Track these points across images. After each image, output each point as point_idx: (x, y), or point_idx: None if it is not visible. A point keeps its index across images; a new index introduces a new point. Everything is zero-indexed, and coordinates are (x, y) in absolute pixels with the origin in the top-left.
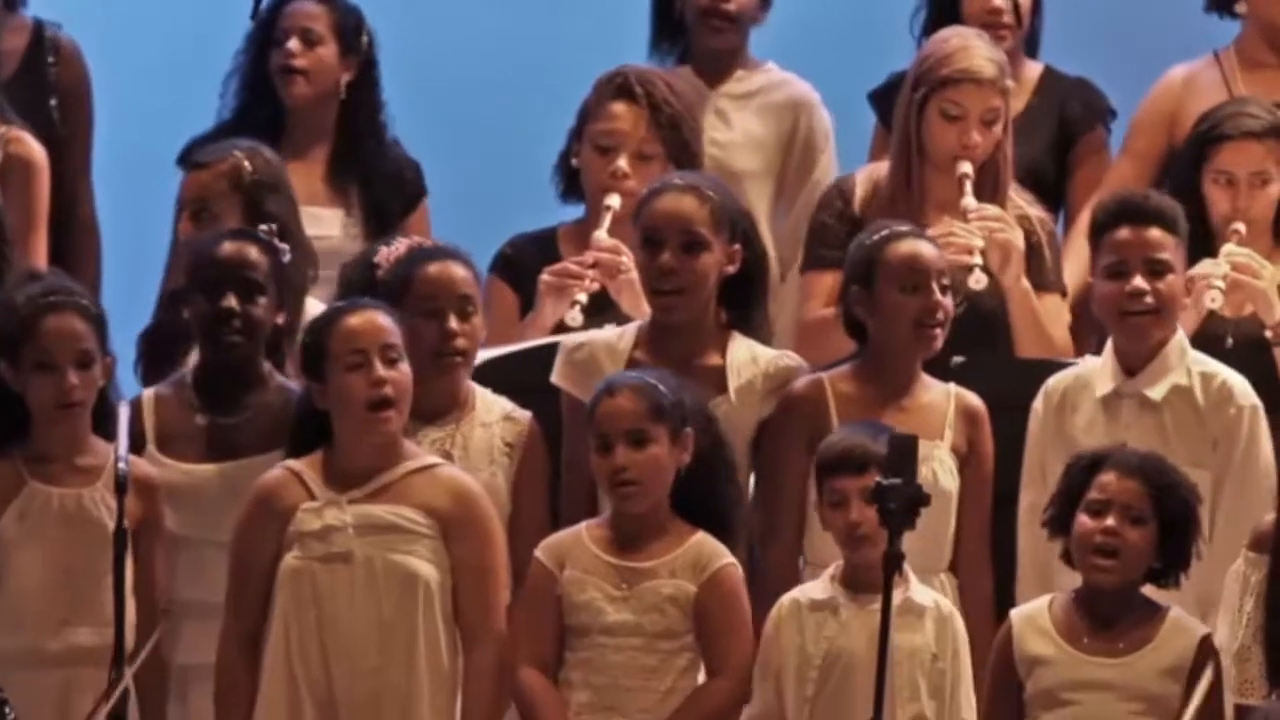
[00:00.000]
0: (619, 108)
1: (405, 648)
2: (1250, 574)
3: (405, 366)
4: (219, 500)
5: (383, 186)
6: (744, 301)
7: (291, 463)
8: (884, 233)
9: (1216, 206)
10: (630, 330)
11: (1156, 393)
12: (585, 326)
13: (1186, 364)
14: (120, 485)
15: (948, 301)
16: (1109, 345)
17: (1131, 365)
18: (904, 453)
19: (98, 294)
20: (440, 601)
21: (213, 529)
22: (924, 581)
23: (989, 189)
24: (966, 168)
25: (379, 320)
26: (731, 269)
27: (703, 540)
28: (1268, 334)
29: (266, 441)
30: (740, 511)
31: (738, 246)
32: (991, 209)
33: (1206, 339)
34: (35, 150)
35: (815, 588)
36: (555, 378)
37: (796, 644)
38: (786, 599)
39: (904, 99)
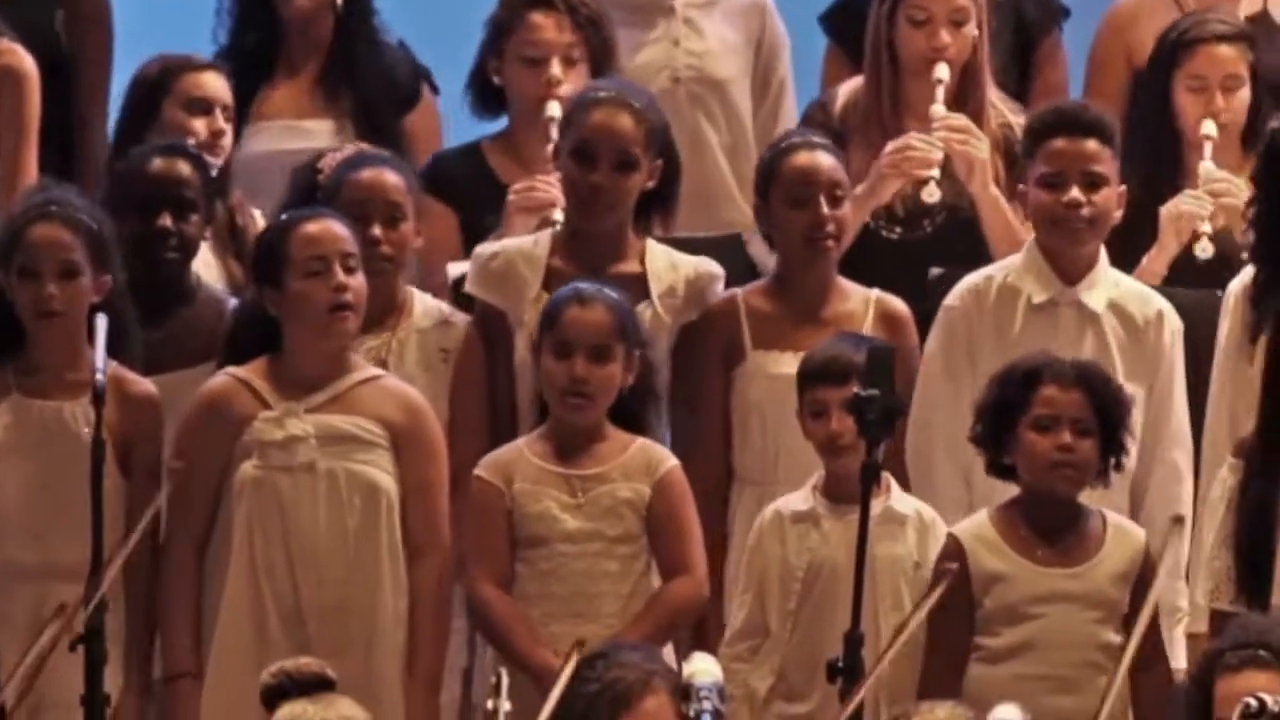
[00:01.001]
0: (539, 18)
1: (371, 559)
2: (1229, 480)
3: (362, 277)
4: None
5: (374, 89)
6: (656, 210)
7: (236, 370)
8: (780, 145)
9: (1187, 114)
10: (545, 237)
11: (1096, 302)
12: None
13: (1115, 278)
14: (98, 397)
15: (843, 213)
16: (1033, 250)
17: (1068, 274)
18: (881, 363)
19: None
20: (398, 512)
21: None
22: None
23: (968, 93)
24: (942, 72)
25: (338, 229)
26: (651, 184)
27: (646, 444)
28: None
29: (198, 353)
30: (660, 428)
31: (660, 162)
32: (957, 119)
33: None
34: (25, 62)
35: (796, 499)
36: (470, 286)
37: (779, 556)
38: (768, 511)
39: (874, 11)
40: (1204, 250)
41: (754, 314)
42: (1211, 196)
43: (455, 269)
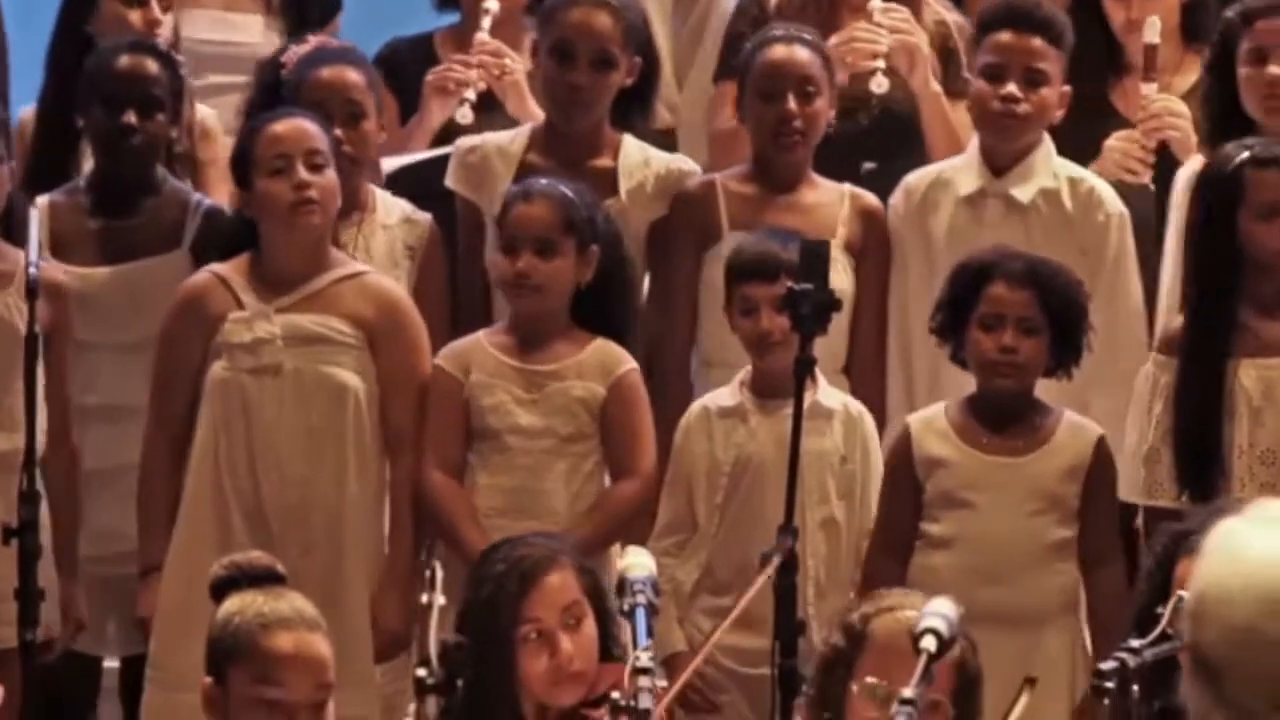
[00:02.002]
0: None
1: (334, 458)
2: (1159, 376)
3: (331, 174)
4: (116, 303)
5: None
6: (635, 106)
7: (217, 267)
8: (757, 38)
9: (1114, 15)
10: (523, 133)
11: (1024, 194)
12: (476, 125)
13: (1054, 168)
14: (31, 290)
15: (815, 108)
16: (974, 144)
17: (998, 166)
18: (815, 258)
19: (5, 102)
20: (369, 412)
21: (110, 332)
22: (833, 382)
23: None
24: None
25: (305, 126)
26: (630, 81)
27: (605, 345)
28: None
29: (162, 243)
30: (636, 328)
31: (638, 59)
32: (898, 9)
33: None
34: None
35: (723, 395)
36: (449, 181)
37: (705, 451)
38: (695, 406)
39: None
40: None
41: (732, 196)
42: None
43: (390, 163)
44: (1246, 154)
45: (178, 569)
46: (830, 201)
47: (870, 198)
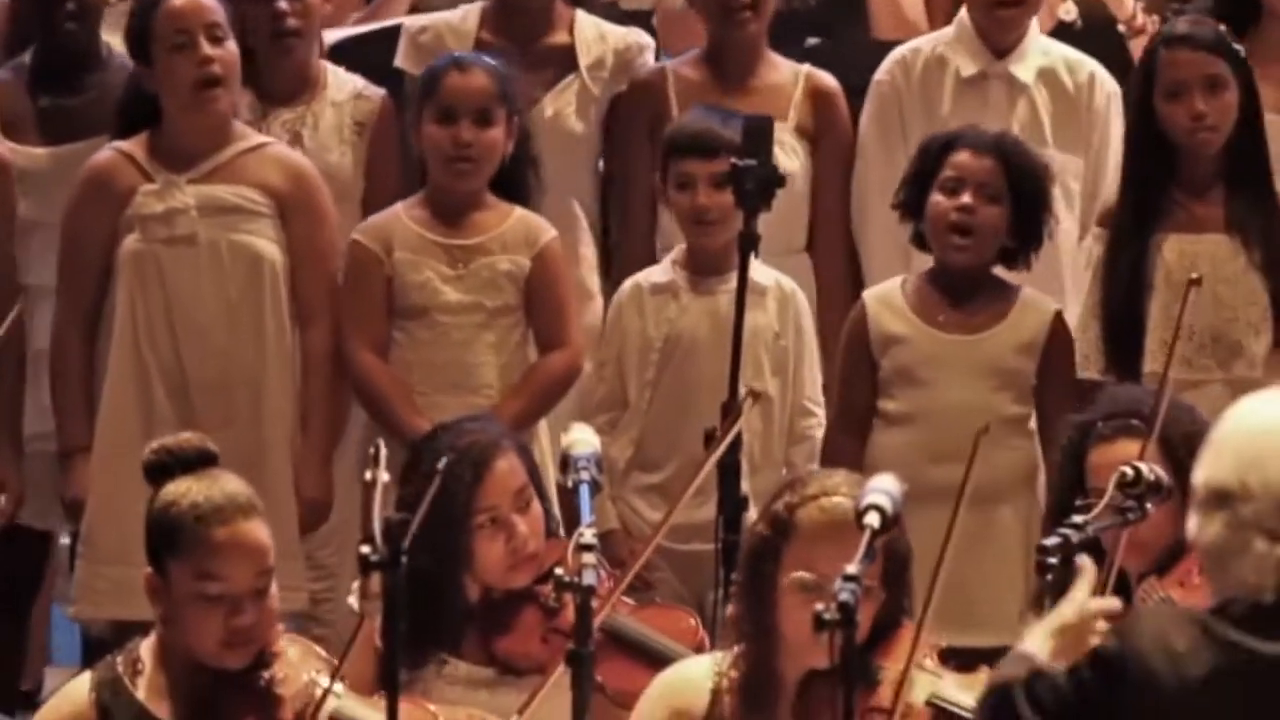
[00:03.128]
0: None
1: (253, 328)
2: (1094, 249)
3: (232, 45)
4: (66, 183)
5: None
6: None
7: (120, 144)
8: None
9: None
10: (474, 10)
11: (1025, 73)
12: None
13: (1044, 47)
14: None
15: None
16: (963, 22)
17: (998, 47)
18: (759, 134)
19: None
20: (285, 283)
21: (56, 212)
22: (778, 265)
23: None
24: None
25: (201, 0)
26: None
27: (525, 215)
28: (1121, 28)
29: (107, 122)
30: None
31: None
32: None
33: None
34: None
35: (656, 272)
36: (399, 61)
37: (637, 327)
38: (627, 284)
39: None
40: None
41: (682, 83)
42: None
43: (332, 35)
44: (1164, 32)
45: (104, 445)
46: (783, 83)
47: (825, 78)
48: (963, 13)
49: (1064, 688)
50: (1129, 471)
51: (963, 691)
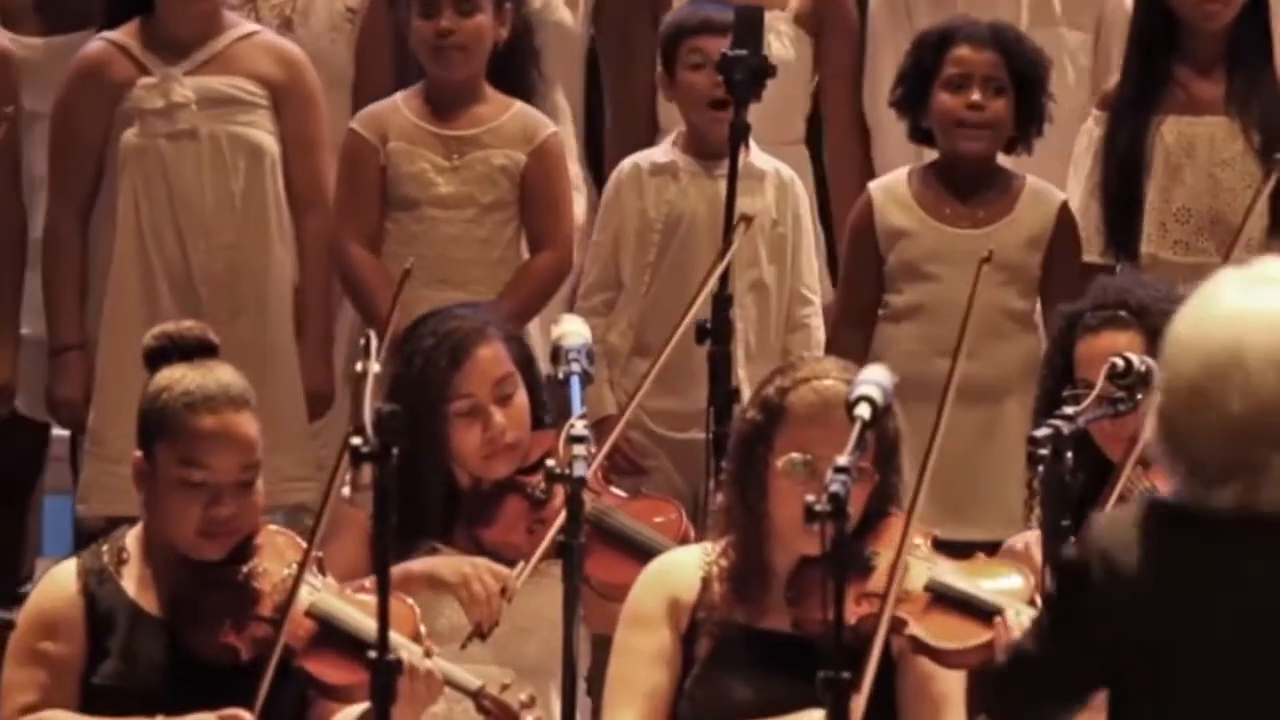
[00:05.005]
0: None
1: (258, 221)
2: (1094, 131)
3: None
4: (55, 73)
5: None
6: None
7: (111, 34)
8: None
9: None
10: None
11: None
12: None
13: None
14: None
15: None
16: None
17: None
18: (749, 24)
19: None
20: (281, 171)
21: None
22: (777, 154)
23: None
24: None
25: None
26: None
27: (524, 109)
28: None
29: (91, 15)
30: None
31: None
32: None
33: None
34: None
35: (655, 153)
36: None
37: (637, 208)
38: (626, 163)
39: None
40: None
41: None
42: None
43: None
44: None
45: (110, 342)
46: None
47: None
48: None
49: (1040, 618)
50: (1119, 363)
51: (960, 577)
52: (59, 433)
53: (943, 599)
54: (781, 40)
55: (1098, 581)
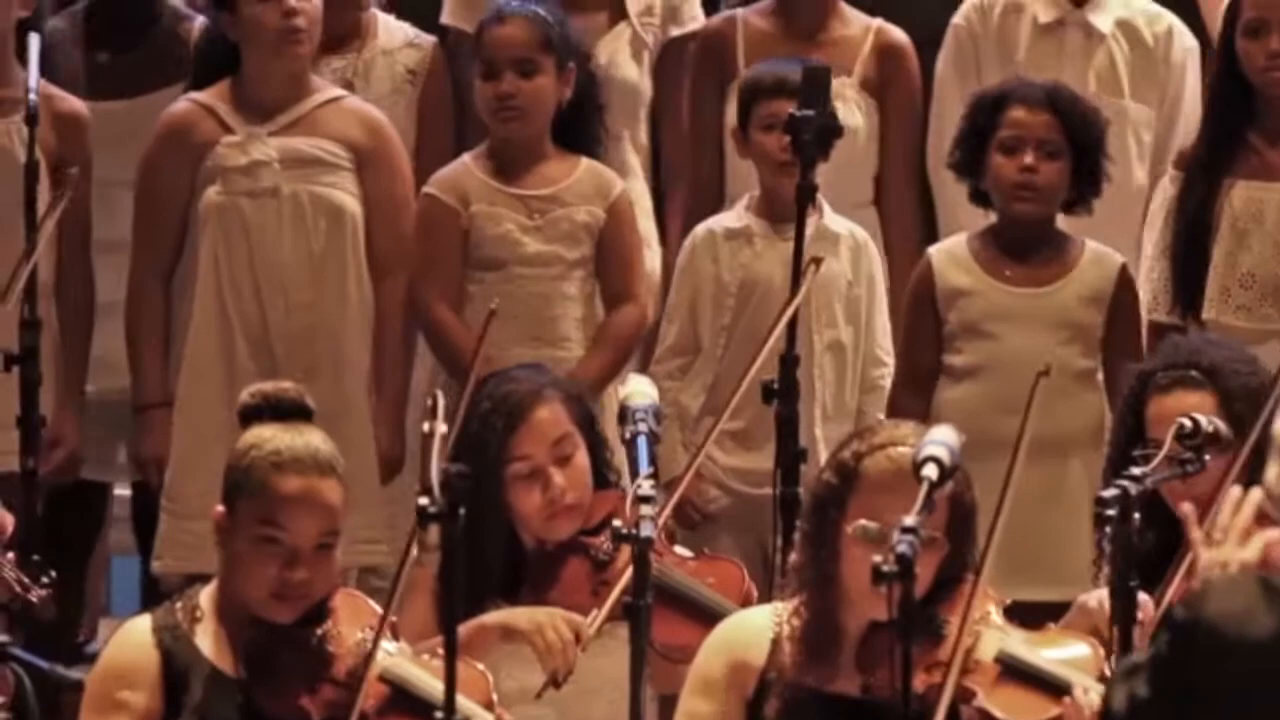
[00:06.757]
0: None
1: (336, 281)
2: (1169, 191)
3: None
4: (122, 139)
5: None
6: None
7: (197, 95)
8: None
9: None
10: None
11: (1104, 23)
12: None
13: None
14: (31, 117)
15: None
16: None
17: None
18: (817, 83)
19: None
20: (362, 234)
21: (117, 168)
22: (848, 217)
23: None
24: None
25: None
26: None
27: (593, 166)
28: None
29: (167, 76)
30: (610, 143)
31: None
32: None
33: None
34: None
35: (729, 217)
36: (446, 16)
37: (712, 273)
38: (700, 229)
39: None
40: None
41: (751, 32)
42: None
43: None
44: None
45: (188, 398)
46: (853, 36)
47: (896, 34)
48: None
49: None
50: (1187, 423)
51: (1030, 648)
52: (121, 492)
53: (1013, 671)
54: (849, 106)
55: (1204, 649)
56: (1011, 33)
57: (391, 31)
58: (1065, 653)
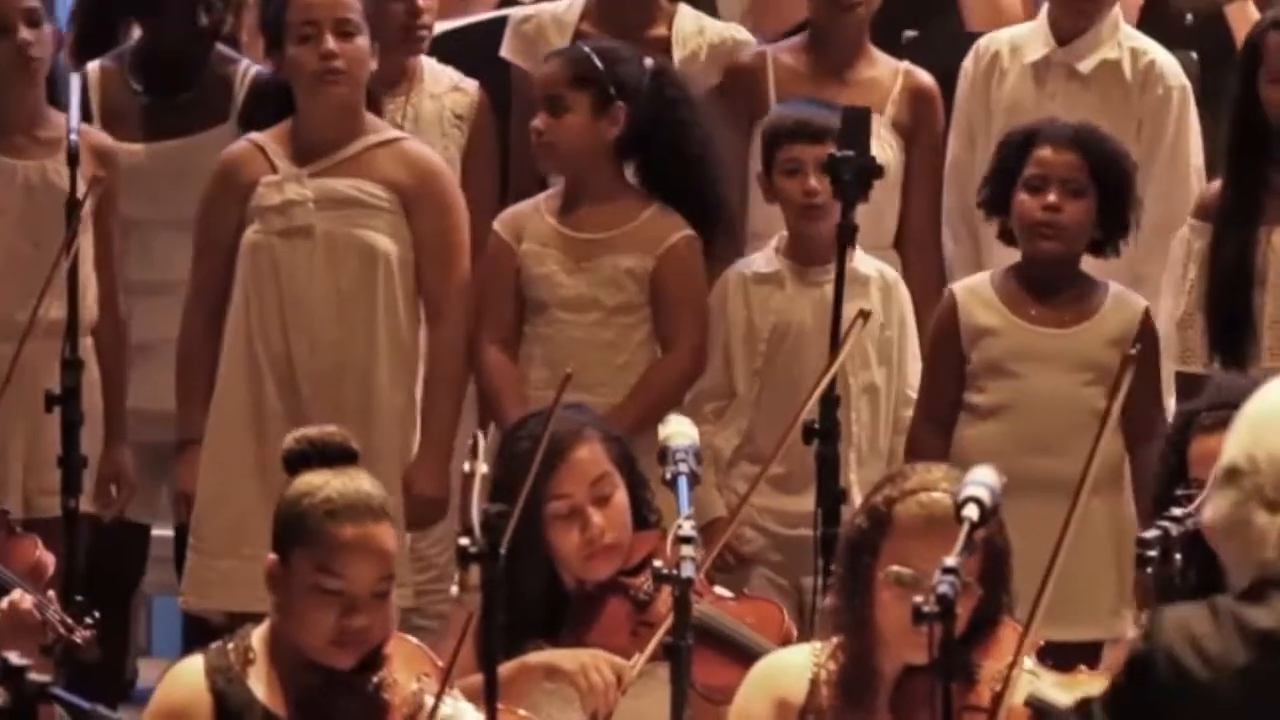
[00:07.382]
0: None
1: (365, 321)
2: (1194, 241)
3: (362, 41)
4: (165, 180)
5: None
6: None
7: (255, 135)
8: None
9: None
10: (577, 1)
11: (1085, 65)
12: None
13: (1119, 38)
14: (72, 156)
15: None
16: (1044, 9)
17: (1064, 34)
18: (856, 124)
19: None
20: (400, 276)
21: (160, 209)
22: (874, 257)
23: None
24: None
25: None
26: None
27: (659, 211)
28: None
29: (210, 118)
30: (719, 186)
31: None
32: None
33: (1167, 17)
34: None
35: (758, 261)
36: (504, 51)
37: (743, 317)
38: (731, 273)
39: None
40: None
41: (781, 69)
42: None
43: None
44: (1271, 17)
45: (214, 437)
46: (882, 78)
47: (924, 77)
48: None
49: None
50: None
51: (1060, 691)
52: (160, 533)
53: (1043, 716)
54: (881, 144)
55: (1164, 680)
56: (999, 72)
57: (437, 75)
58: None
